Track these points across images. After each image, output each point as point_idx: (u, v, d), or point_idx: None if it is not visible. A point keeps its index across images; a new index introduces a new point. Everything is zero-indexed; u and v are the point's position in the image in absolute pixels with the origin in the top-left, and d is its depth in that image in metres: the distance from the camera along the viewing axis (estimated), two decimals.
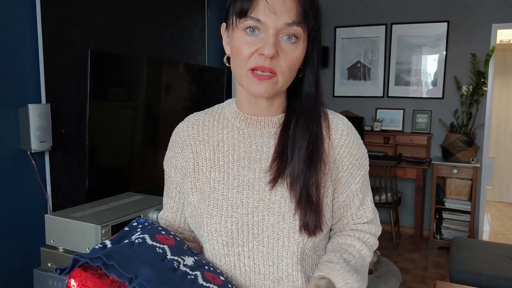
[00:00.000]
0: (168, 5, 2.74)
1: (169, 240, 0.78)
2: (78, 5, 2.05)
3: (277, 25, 0.72)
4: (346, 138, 0.84)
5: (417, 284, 3.27)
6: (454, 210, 3.94)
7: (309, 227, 0.77)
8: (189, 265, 0.74)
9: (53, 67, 1.92)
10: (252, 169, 0.81)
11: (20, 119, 1.79)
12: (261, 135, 0.83)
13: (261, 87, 0.75)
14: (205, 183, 0.83)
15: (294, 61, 0.76)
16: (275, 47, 0.72)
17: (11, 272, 1.80)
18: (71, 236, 1.63)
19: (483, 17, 3.92)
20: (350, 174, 0.85)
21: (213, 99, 2.93)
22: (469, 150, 3.84)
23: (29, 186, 1.86)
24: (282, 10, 0.72)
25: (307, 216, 0.77)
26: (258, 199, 0.79)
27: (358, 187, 0.87)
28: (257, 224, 0.78)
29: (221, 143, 0.85)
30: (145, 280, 0.67)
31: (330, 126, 0.84)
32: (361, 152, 0.87)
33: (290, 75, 0.77)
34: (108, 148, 2.07)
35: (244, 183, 0.81)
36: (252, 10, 0.72)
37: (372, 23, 4.36)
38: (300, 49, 0.76)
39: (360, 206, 0.88)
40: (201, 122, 0.88)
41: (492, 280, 2.39)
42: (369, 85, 4.47)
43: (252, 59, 0.74)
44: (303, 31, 0.75)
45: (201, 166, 0.85)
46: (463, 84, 4.01)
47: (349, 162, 0.84)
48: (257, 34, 0.74)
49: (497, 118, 5.75)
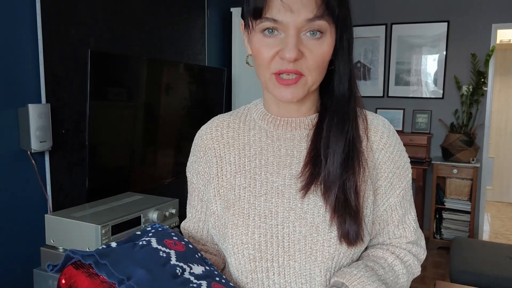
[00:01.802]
0: (168, 5, 2.74)
1: (179, 246, 0.72)
2: (78, 5, 2.05)
3: (297, 23, 0.64)
4: (386, 141, 0.75)
5: (417, 284, 3.27)
6: (454, 210, 3.94)
7: (350, 235, 0.68)
8: (196, 274, 0.67)
9: (53, 67, 1.92)
10: (281, 175, 0.73)
11: (20, 119, 1.79)
12: (291, 138, 0.76)
13: (287, 93, 0.68)
14: (229, 190, 0.76)
15: (322, 58, 0.68)
16: (297, 48, 0.65)
17: (11, 272, 1.80)
18: (71, 236, 1.63)
19: (483, 17, 3.92)
20: (390, 184, 0.76)
21: (213, 99, 2.93)
22: (469, 150, 3.84)
23: (29, 186, 1.86)
24: (299, 6, 0.63)
25: (346, 223, 0.68)
26: (288, 208, 0.71)
27: (398, 201, 0.77)
28: (287, 236, 0.70)
29: (247, 147, 0.77)
30: (137, 283, 0.61)
31: (369, 127, 0.75)
32: (403, 160, 0.78)
33: (319, 73, 0.69)
34: (108, 148, 2.07)
35: (272, 191, 0.73)
36: (267, 9, 0.65)
37: (372, 23, 4.36)
38: (327, 43, 0.68)
39: (399, 224, 0.78)
40: (225, 124, 0.81)
41: (492, 280, 2.39)
42: (369, 85, 4.47)
43: (274, 63, 0.67)
44: (329, 23, 0.67)
45: (225, 171, 0.77)
46: (463, 84, 4.01)
47: (389, 169, 0.75)
48: (277, 35, 0.66)
49: (497, 118, 5.75)
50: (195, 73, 2.69)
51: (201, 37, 3.14)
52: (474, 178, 3.84)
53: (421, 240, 0.82)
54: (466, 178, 3.86)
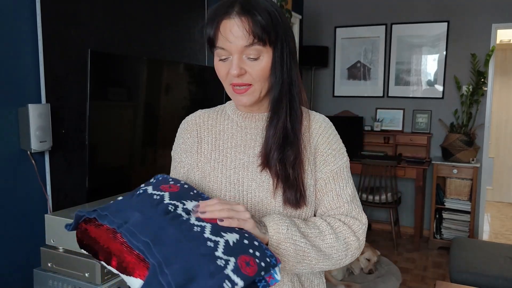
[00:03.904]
0: (168, 5, 2.74)
1: (174, 188, 0.84)
2: (78, 5, 2.05)
3: (237, 49, 0.85)
4: (324, 129, 0.98)
5: (417, 284, 3.27)
6: (454, 210, 3.94)
7: (290, 200, 0.89)
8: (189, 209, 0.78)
9: (53, 67, 1.92)
10: (247, 154, 0.95)
11: (20, 119, 1.79)
12: (255, 127, 0.98)
13: (242, 99, 0.91)
14: (206, 163, 0.97)
15: (261, 72, 0.88)
16: (239, 67, 0.86)
17: (11, 272, 1.80)
18: (71, 236, 1.62)
19: (483, 17, 3.93)
20: (324, 161, 0.96)
21: (213, 99, 2.93)
22: (469, 150, 3.84)
23: (29, 186, 1.86)
24: (234, 38, 0.84)
25: (286, 191, 0.89)
26: (251, 179, 0.93)
27: (332, 176, 0.95)
28: (250, 200, 0.92)
29: (222, 132, 0.99)
30: (132, 224, 0.73)
31: (311, 120, 0.98)
32: (338, 146, 0.99)
33: (264, 82, 0.89)
34: (108, 148, 2.07)
35: (240, 165, 0.94)
36: (216, 39, 0.87)
37: (372, 23, 4.36)
38: (264, 61, 0.87)
39: (334, 196, 0.94)
40: (206, 115, 1.03)
41: (492, 280, 2.39)
42: (369, 85, 4.47)
43: (228, 78, 0.90)
44: (263, 46, 0.86)
45: (203, 149, 0.98)
46: (463, 84, 4.01)
47: (325, 149, 0.96)
48: (227, 59, 0.88)
49: (497, 118, 5.75)
50: (195, 73, 2.69)
51: (201, 37, 3.14)
52: (474, 178, 3.84)
53: (357, 214, 0.95)
54: (466, 178, 3.87)
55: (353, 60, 4.53)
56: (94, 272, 1.58)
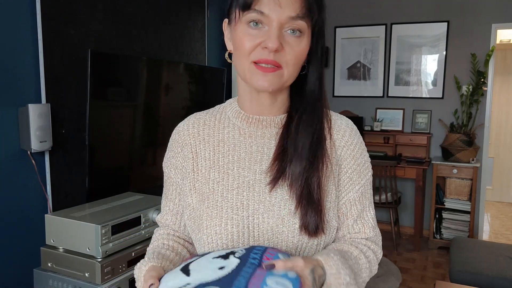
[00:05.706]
0: (168, 5, 2.74)
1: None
2: (78, 5, 2.05)
3: (281, 19, 0.70)
4: (348, 139, 0.82)
5: (417, 284, 3.27)
6: (454, 210, 3.94)
7: (310, 227, 0.74)
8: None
9: (53, 67, 1.92)
10: (252, 170, 0.79)
11: (20, 119, 1.79)
12: (262, 136, 0.81)
13: (265, 80, 0.73)
14: (204, 184, 0.81)
15: (300, 54, 0.74)
16: (279, 40, 0.71)
17: (11, 272, 1.80)
18: (71, 236, 1.63)
19: (483, 17, 3.92)
20: (349, 180, 0.81)
21: (213, 99, 2.93)
22: (469, 150, 3.84)
23: (29, 186, 1.86)
24: (287, 3, 0.70)
25: (307, 215, 0.74)
26: (258, 201, 0.77)
27: (357, 196, 0.82)
28: (257, 226, 0.76)
29: (221, 143, 0.82)
30: None
31: (332, 127, 0.81)
32: (363, 159, 0.84)
33: (295, 69, 0.75)
34: (108, 148, 2.07)
35: (244, 185, 0.78)
36: (256, 2, 0.71)
37: (372, 23, 4.36)
38: (304, 43, 0.74)
39: (358, 219, 0.82)
40: (202, 121, 0.86)
41: (492, 280, 2.39)
42: (369, 85, 4.47)
43: (255, 52, 0.72)
44: (307, 26, 0.73)
45: (200, 166, 0.82)
46: (463, 84, 4.01)
47: (350, 166, 0.81)
48: (261, 28, 0.72)
49: (497, 118, 5.75)
50: (195, 73, 2.69)
51: (201, 37, 3.14)
52: (474, 178, 3.84)
53: (378, 239, 0.85)
54: (466, 178, 3.86)
55: (353, 60, 4.53)
56: (94, 272, 1.58)
